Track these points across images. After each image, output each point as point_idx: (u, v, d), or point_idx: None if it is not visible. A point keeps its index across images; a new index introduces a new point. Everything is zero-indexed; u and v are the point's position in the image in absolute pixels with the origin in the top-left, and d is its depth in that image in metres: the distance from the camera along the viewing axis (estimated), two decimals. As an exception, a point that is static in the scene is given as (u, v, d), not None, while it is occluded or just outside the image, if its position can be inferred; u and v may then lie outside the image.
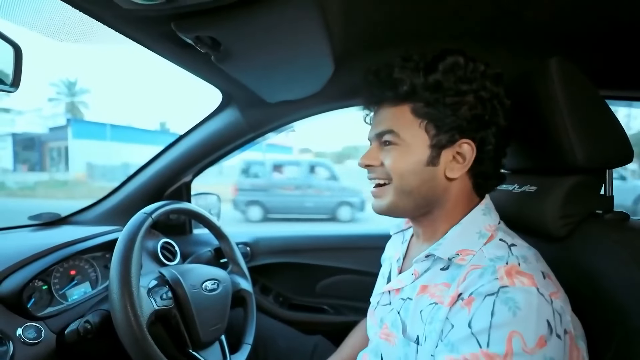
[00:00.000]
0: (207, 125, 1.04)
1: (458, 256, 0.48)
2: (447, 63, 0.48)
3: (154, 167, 1.08)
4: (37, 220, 1.01)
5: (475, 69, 0.48)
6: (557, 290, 0.43)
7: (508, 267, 0.43)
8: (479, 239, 0.49)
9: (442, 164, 0.49)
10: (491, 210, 0.53)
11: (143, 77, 55.94)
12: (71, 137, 19.33)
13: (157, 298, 0.68)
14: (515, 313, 0.39)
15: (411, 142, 0.50)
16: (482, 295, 0.41)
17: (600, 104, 0.56)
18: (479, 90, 0.48)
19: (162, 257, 0.98)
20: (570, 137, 0.53)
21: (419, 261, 0.53)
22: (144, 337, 0.59)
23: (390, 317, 0.55)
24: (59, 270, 0.77)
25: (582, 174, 0.55)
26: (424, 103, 0.49)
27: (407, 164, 0.50)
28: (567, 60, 0.54)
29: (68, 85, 28.76)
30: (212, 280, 0.77)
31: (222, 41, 0.56)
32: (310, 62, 0.72)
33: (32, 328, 0.65)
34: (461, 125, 0.48)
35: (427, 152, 0.49)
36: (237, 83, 0.78)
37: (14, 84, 0.55)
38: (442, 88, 0.48)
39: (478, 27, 0.76)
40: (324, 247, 1.18)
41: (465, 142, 0.49)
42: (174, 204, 0.78)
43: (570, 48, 0.79)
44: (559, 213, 0.54)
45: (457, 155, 0.49)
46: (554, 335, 0.39)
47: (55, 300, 0.74)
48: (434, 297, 0.48)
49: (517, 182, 0.64)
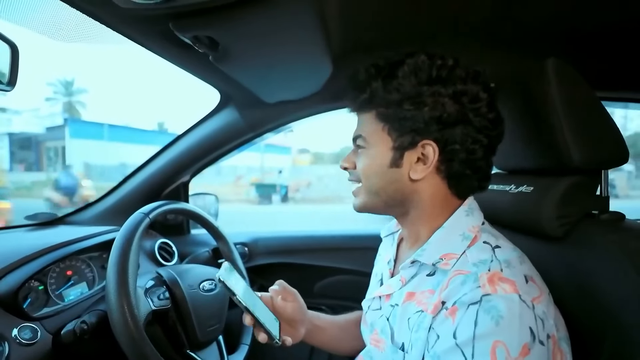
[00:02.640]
0: (205, 125, 1.04)
1: (442, 261, 0.48)
2: (408, 66, 0.48)
3: (151, 167, 1.07)
4: (33, 220, 1.00)
5: (441, 68, 0.47)
6: (539, 293, 0.43)
7: (490, 274, 0.43)
8: (462, 241, 0.49)
9: (405, 165, 0.50)
10: (474, 210, 0.53)
11: (141, 77, 55.82)
12: (68, 136, 19.26)
13: (155, 298, 0.68)
14: (498, 322, 0.39)
15: (376, 145, 0.52)
16: (466, 305, 0.41)
17: (597, 105, 0.56)
18: (443, 90, 0.47)
19: (160, 257, 0.98)
20: (566, 137, 0.53)
21: (405, 267, 0.53)
22: (141, 337, 0.59)
23: (380, 323, 0.55)
24: (56, 271, 0.76)
25: (578, 175, 0.55)
26: (384, 107, 0.50)
27: (372, 166, 0.52)
28: (564, 61, 0.55)
29: (65, 85, 28.66)
30: (210, 281, 0.77)
31: (220, 41, 0.56)
32: (308, 62, 0.72)
33: (28, 329, 0.64)
34: (419, 127, 0.48)
35: (390, 155, 0.50)
36: (235, 83, 0.78)
37: (10, 82, 0.54)
38: (400, 92, 0.48)
39: (476, 28, 0.76)
40: (322, 247, 1.18)
41: (427, 143, 0.48)
42: (172, 204, 0.78)
43: (568, 49, 0.80)
44: (555, 213, 0.55)
45: (422, 156, 0.49)
46: (537, 342, 0.39)
47: (51, 301, 0.73)
48: (420, 304, 0.48)
49: (514, 183, 0.64)
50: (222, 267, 0.52)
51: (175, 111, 50.33)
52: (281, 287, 0.62)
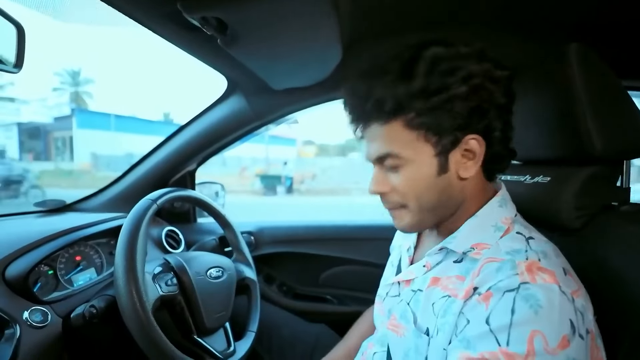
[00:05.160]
0: (212, 113, 1.03)
1: (473, 250, 0.47)
2: (426, 60, 0.43)
3: (158, 155, 1.07)
4: (42, 207, 1.01)
5: (456, 55, 0.44)
6: (578, 287, 0.42)
7: (528, 262, 0.41)
8: (495, 232, 0.47)
9: (452, 167, 0.46)
10: (507, 202, 0.51)
11: (147, 68, 55.80)
12: (75, 127, 19.44)
13: (162, 284, 0.68)
14: (537, 311, 0.37)
15: (415, 159, 0.46)
16: (501, 291, 0.40)
17: (621, 93, 0.54)
18: (468, 78, 0.43)
19: (167, 245, 0.98)
20: (589, 125, 0.51)
21: (432, 254, 0.51)
22: (149, 322, 0.59)
23: (399, 309, 0.54)
24: (65, 256, 0.77)
25: (599, 165, 0.54)
26: (415, 113, 0.44)
27: (419, 183, 0.46)
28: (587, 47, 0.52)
29: (72, 75, 28.80)
30: (217, 268, 0.77)
31: (228, 23, 0.55)
32: (318, 48, 0.70)
33: (39, 312, 0.65)
34: (460, 122, 0.44)
35: (435, 162, 0.45)
36: (243, 68, 0.77)
37: (17, 65, 0.54)
38: (429, 90, 0.43)
39: (489, 13, 0.73)
40: (328, 237, 1.18)
41: (471, 137, 0.45)
42: (180, 191, 0.78)
43: (589, 36, 0.76)
44: (574, 204, 0.53)
45: (466, 152, 0.46)
46: (576, 335, 0.38)
47: (61, 285, 0.74)
48: (447, 289, 0.47)
49: (529, 173, 0.62)
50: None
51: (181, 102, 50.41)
52: None
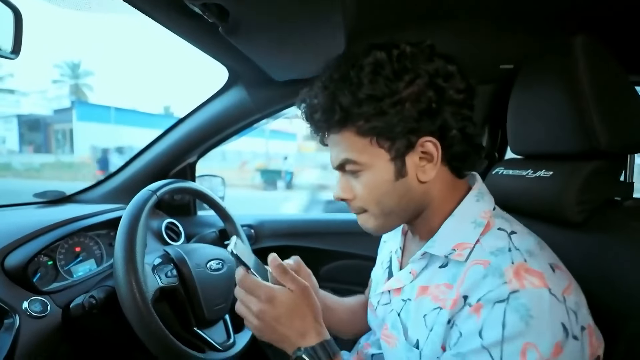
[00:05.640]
0: (213, 105, 1.02)
1: (455, 252, 0.45)
2: (369, 67, 0.43)
3: (158, 147, 1.06)
4: (42, 198, 1.01)
5: (401, 57, 0.43)
6: (568, 283, 0.41)
7: (515, 266, 0.40)
8: (475, 228, 0.46)
9: (411, 170, 0.45)
10: (484, 195, 0.50)
11: (148, 62, 55.47)
12: (76, 119, 19.38)
13: (162, 275, 0.68)
14: (527, 322, 0.37)
15: (372, 164, 0.46)
16: (492, 302, 0.39)
17: (627, 87, 0.53)
18: (414, 79, 0.42)
19: (167, 237, 0.98)
20: (594, 119, 0.50)
21: (415, 260, 0.51)
22: (148, 313, 0.59)
23: (390, 318, 0.53)
24: (64, 247, 0.77)
25: (603, 159, 0.53)
26: (364, 120, 0.43)
27: (378, 188, 0.46)
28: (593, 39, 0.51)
29: (72, 67, 28.65)
30: (217, 260, 0.77)
31: (230, 10, 0.53)
32: (322, 38, 0.69)
33: (38, 302, 0.65)
34: (412, 126, 0.43)
35: (392, 167, 0.45)
36: (244, 59, 0.76)
37: (14, 50, 0.53)
38: (376, 96, 0.42)
39: (494, 6, 0.72)
40: (329, 231, 1.17)
41: (426, 140, 0.44)
42: (179, 183, 0.77)
43: (595, 29, 0.75)
44: (576, 199, 0.52)
45: (423, 155, 0.45)
46: (570, 338, 0.37)
47: (60, 276, 0.74)
48: (437, 300, 0.45)
49: (531, 167, 0.62)
50: (232, 240, 0.51)
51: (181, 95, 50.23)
52: (296, 264, 0.58)
